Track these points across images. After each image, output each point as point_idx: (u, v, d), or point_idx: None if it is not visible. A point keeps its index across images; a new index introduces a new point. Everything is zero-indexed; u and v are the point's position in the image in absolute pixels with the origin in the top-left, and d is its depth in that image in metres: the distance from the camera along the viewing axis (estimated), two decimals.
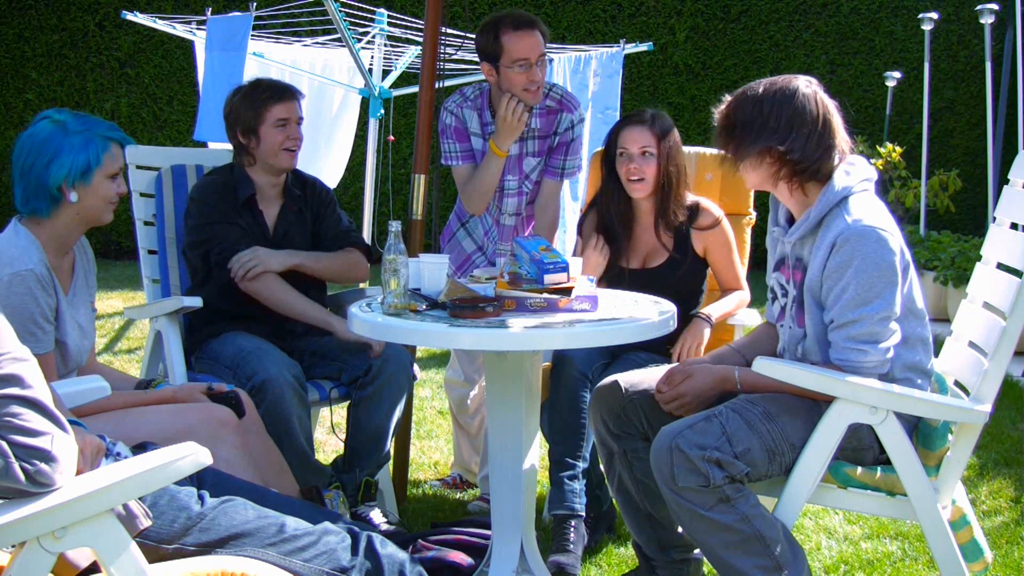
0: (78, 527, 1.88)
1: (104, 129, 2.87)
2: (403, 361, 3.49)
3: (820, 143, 2.62)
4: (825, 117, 2.65)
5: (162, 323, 3.45)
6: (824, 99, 2.67)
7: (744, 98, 2.67)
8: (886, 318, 2.56)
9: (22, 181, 2.83)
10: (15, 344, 1.91)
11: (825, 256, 2.58)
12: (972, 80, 10.28)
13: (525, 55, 3.56)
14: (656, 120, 3.48)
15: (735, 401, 2.66)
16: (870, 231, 2.54)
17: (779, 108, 2.62)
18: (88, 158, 2.82)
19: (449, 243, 3.97)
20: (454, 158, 3.77)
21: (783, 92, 2.64)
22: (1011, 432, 4.75)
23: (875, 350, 2.56)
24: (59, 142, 2.80)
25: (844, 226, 2.56)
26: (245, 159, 3.60)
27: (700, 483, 2.51)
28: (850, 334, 2.57)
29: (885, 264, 2.54)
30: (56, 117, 2.84)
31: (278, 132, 3.53)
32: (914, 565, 3.41)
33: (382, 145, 6.63)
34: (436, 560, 3.21)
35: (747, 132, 2.63)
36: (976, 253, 4.25)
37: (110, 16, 10.11)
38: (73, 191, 2.83)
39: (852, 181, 2.64)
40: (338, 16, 5.49)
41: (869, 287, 2.53)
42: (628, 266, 3.53)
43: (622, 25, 10.19)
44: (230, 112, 3.59)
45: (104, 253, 10.20)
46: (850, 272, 2.54)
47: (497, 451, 2.98)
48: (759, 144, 2.62)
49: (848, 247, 2.54)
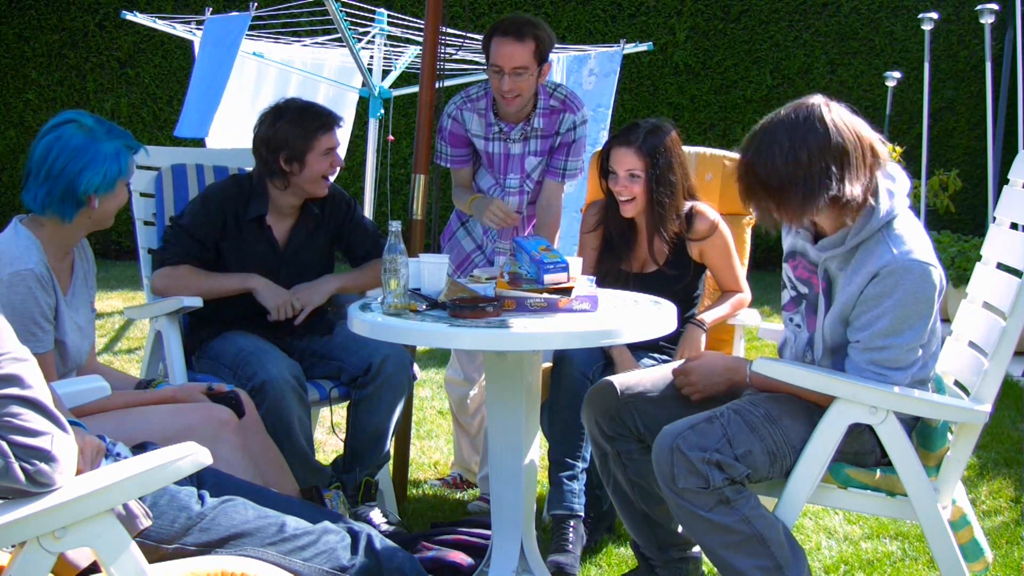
0: (78, 527, 1.88)
1: (129, 139, 2.90)
2: (403, 361, 3.49)
3: (865, 163, 2.48)
4: (856, 133, 2.48)
5: (162, 323, 3.45)
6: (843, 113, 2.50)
7: (771, 149, 2.44)
8: (913, 348, 2.56)
9: (47, 183, 2.79)
10: (15, 344, 1.91)
11: (864, 283, 2.53)
12: (972, 80, 10.28)
13: (499, 63, 3.58)
14: (648, 138, 3.39)
15: (737, 402, 2.65)
16: (917, 266, 2.49)
17: (817, 150, 2.42)
18: (120, 167, 2.85)
19: (449, 242, 3.98)
20: (445, 160, 3.83)
21: (808, 126, 2.42)
22: (1011, 432, 4.75)
23: (896, 376, 2.56)
24: (93, 151, 2.80)
25: (890, 258, 2.49)
26: (275, 182, 3.49)
27: (700, 485, 2.51)
28: (874, 359, 2.56)
29: (924, 299, 2.51)
30: (84, 122, 2.83)
31: (323, 161, 3.47)
32: (914, 565, 3.41)
33: (382, 145, 6.63)
34: (436, 560, 3.21)
35: (795, 190, 2.43)
36: (976, 253, 4.25)
37: (110, 16, 10.11)
38: (98, 199, 2.84)
39: (897, 203, 2.55)
40: (339, 16, 5.49)
41: (904, 319, 2.51)
42: (627, 269, 3.54)
43: (622, 25, 10.19)
44: (274, 135, 3.45)
45: (104, 253, 10.20)
46: (889, 303, 2.50)
47: (497, 451, 2.98)
48: (816, 200, 2.43)
49: (892, 279, 2.49)
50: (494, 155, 3.80)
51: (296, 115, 3.48)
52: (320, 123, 3.47)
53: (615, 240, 3.55)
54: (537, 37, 3.58)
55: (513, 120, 3.74)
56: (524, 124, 3.74)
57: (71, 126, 2.82)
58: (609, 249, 3.56)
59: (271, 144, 3.46)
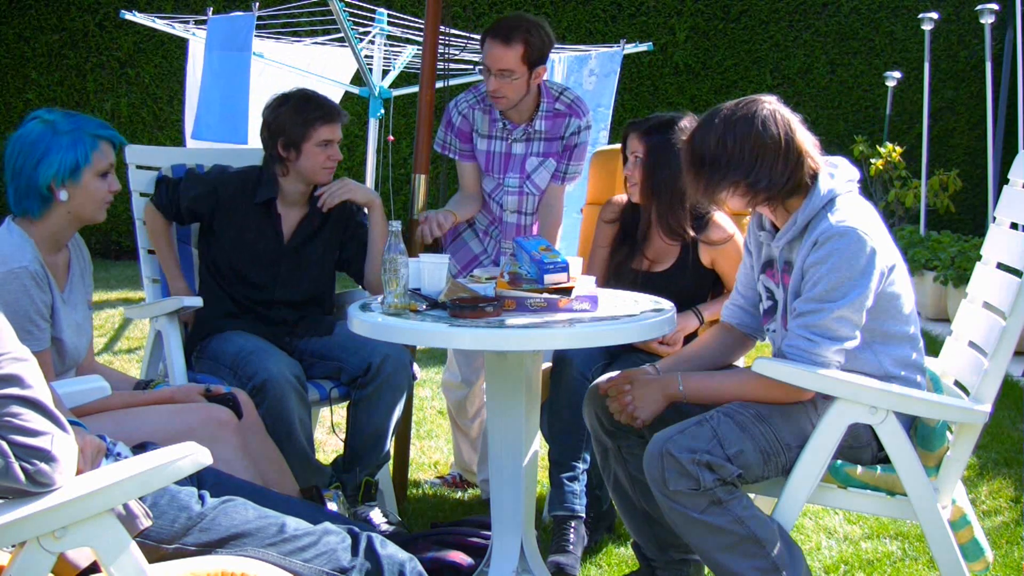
0: (78, 527, 1.88)
1: (94, 127, 2.86)
2: (403, 361, 3.49)
3: (786, 164, 2.61)
4: (787, 136, 2.62)
5: (162, 323, 3.45)
6: (785, 115, 2.64)
7: (704, 131, 2.65)
8: (843, 318, 2.55)
9: (13, 182, 2.82)
10: (15, 344, 1.91)
11: (806, 254, 2.59)
12: (972, 80, 10.29)
13: (487, 63, 3.62)
14: (656, 125, 3.43)
15: (727, 405, 2.66)
16: (851, 231, 2.54)
17: (742, 140, 2.60)
18: (76, 157, 2.81)
19: (454, 243, 3.96)
20: (453, 152, 3.86)
21: (744, 121, 2.61)
22: (1011, 432, 4.76)
23: (825, 344, 2.55)
24: (48, 142, 2.79)
25: (827, 225, 2.57)
26: (278, 167, 3.55)
27: (691, 486, 2.51)
28: (806, 323, 2.57)
29: (857, 266, 2.53)
30: (46, 117, 2.83)
31: (320, 152, 3.50)
32: (914, 565, 3.41)
33: (382, 145, 6.64)
34: (436, 560, 3.21)
35: (714, 169, 2.63)
36: (976, 253, 4.25)
37: (110, 16, 10.12)
38: (63, 190, 2.82)
39: (837, 183, 2.64)
40: (342, 16, 5.49)
41: (838, 285, 2.54)
42: (637, 267, 3.54)
43: (622, 25, 10.20)
44: (274, 121, 3.51)
45: (104, 253, 10.20)
46: (824, 268, 2.54)
47: (497, 451, 2.98)
48: (727, 180, 2.62)
49: (828, 245, 2.55)
50: (495, 154, 3.82)
51: (298, 103, 3.52)
52: (320, 114, 3.50)
53: (627, 232, 3.56)
54: (527, 41, 3.57)
55: (516, 120, 3.76)
56: (527, 125, 3.76)
57: (34, 122, 2.83)
58: (621, 241, 3.57)
59: (271, 129, 3.53)
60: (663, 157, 3.39)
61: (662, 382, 2.76)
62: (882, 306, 2.62)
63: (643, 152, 3.42)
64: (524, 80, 3.63)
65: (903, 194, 8.48)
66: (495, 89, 3.62)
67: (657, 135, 3.41)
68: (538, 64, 3.63)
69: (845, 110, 10.65)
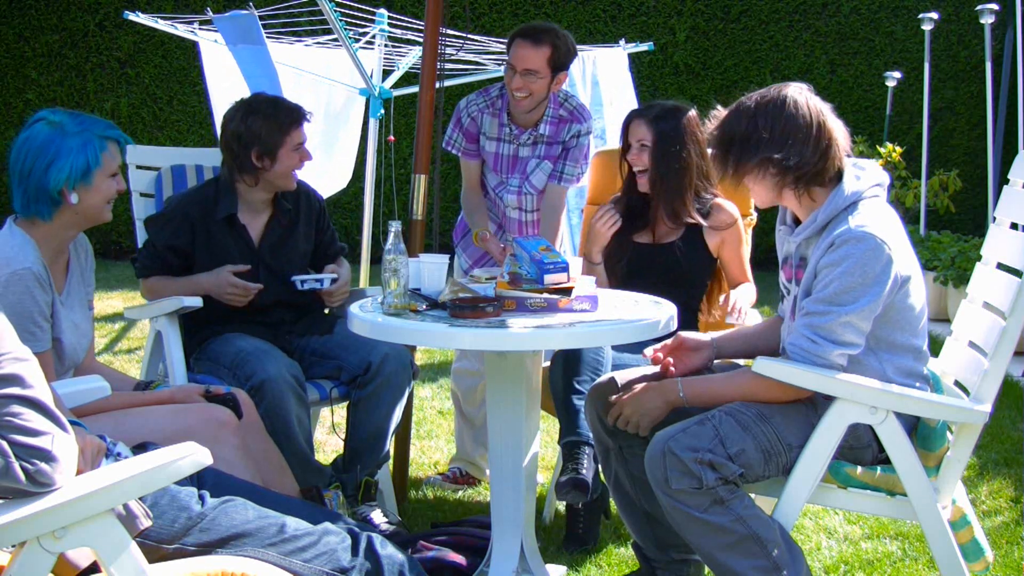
0: (78, 527, 1.88)
1: (102, 128, 2.85)
2: (403, 361, 3.49)
3: (817, 147, 2.61)
4: (819, 120, 2.62)
5: (162, 323, 3.45)
6: (816, 103, 2.65)
7: (737, 112, 2.66)
8: (850, 323, 2.54)
9: (22, 185, 2.80)
10: (16, 344, 1.91)
11: (821, 254, 2.59)
12: (972, 80, 10.28)
13: (513, 62, 3.78)
14: (661, 113, 3.53)
15: (729, 405, 2.66)
16: (869, 237, 2.53)
17: (772, 119, 2.61)
18: (87, 159, 2.80)
19: (464, 239, 4.08)
20: (458, 149, 4.00)
21: (774, 102, 2.62)
22: (1011, 432, 4.76)
23: (828, 347, 2.55)
24: (58, 144, 2.78)
25: (846, 228, 2.56)
26: (244, 178, 3.49)
27: (693, 485, 2.52)
28: (811, 323, 2.57)
29: (872, 272, 2.53)
30: (52, 118, 2.82)
31: (295, 155, 3.49)
32: (914, 565, 3.41)
33: (382, 145, 6.63)
34: (436, 560, 3.21)
35: (744, 147, 2.62)
36: (976, 253, 4.25)
37: (110, 16, 10.11)
38: (74, 193, 2.81)
39: (862, 186, 2.63)
40: (334, 16, 5.48)
41: (849, 290, 2.53)
42: (639, 241, 3.59)
43: (622, 25, 10.19)
44: (246, 131, 3.43)
45: (104, 253, 10.19)
46: (837, 271, 2.54)
47: (497, 451, 2.99)
48: (757, 156, 2.61)
49: (844, 248, 2.54)
50: (503, 156, 3.95)
51: (268, 110, 3.48)
52: (292, 118, 3.50)
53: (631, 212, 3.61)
54: (554, 45, 3.77)
55: (523, 124, 3.90)
56: (532, 129, 3.90)
57: (40, 124, 2.82)
58: (624, 221, 3.61)
59: (243, 139, 3.45)
60: (672, 143, 3.50)
61: (662, 388, 2.76)
62: (892, 316, 2.62)
63: (652, 139, 3.51)
64: (546, 83, 3.79)
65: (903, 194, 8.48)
66: (520, 87, 3.76)
67: (665, 122, 3.51)
68: (560, 70, 3.78)
69: (845, 110, 10.60)
